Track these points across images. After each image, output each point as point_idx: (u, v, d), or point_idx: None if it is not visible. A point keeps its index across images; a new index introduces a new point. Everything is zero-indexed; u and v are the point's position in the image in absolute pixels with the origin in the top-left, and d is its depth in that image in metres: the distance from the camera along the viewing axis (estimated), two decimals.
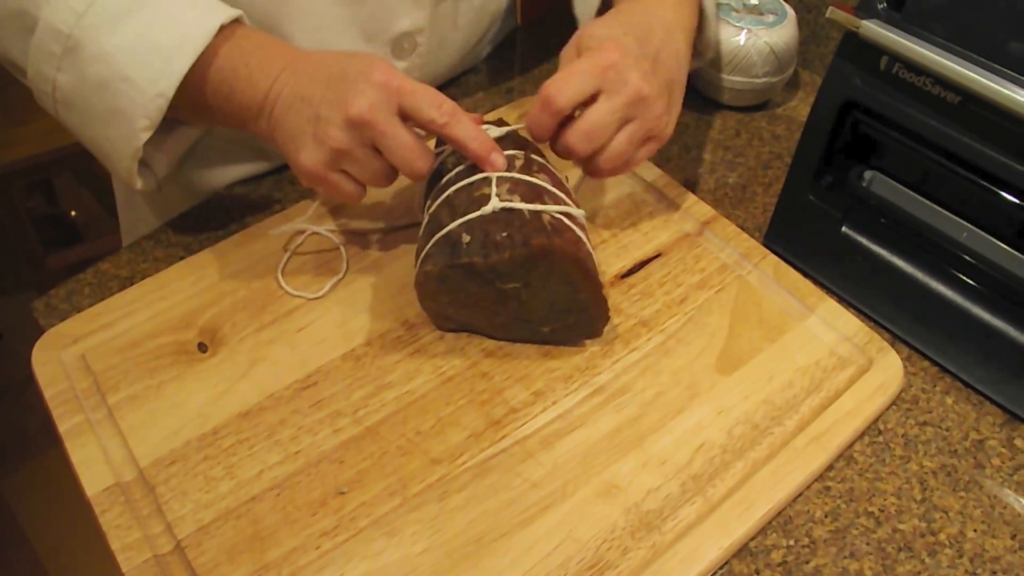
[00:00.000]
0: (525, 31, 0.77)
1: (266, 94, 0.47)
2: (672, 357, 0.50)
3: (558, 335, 0.50)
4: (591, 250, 0.47)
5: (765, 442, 0.46)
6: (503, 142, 0.48)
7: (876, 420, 0.48)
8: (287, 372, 0.48)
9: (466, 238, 0.44)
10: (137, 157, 0.49)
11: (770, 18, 0.66)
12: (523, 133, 0.49)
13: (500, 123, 0.51)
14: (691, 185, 0.63)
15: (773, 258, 0.55)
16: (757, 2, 0.67)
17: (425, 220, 0.48)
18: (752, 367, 0.49)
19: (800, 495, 0.45)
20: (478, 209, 0.45)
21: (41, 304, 0.54)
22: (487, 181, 0.46)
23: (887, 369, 0.49)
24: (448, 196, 0.46)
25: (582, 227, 0.47)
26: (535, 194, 0.46)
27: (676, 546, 0.42)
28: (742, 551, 0.43)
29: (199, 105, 0.49)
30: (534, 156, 0.48)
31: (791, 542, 0.44)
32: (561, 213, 0.45)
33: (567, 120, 0.47)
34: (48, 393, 0.47)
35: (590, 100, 0.47)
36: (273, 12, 0.54)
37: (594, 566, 0.41)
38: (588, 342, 0.50)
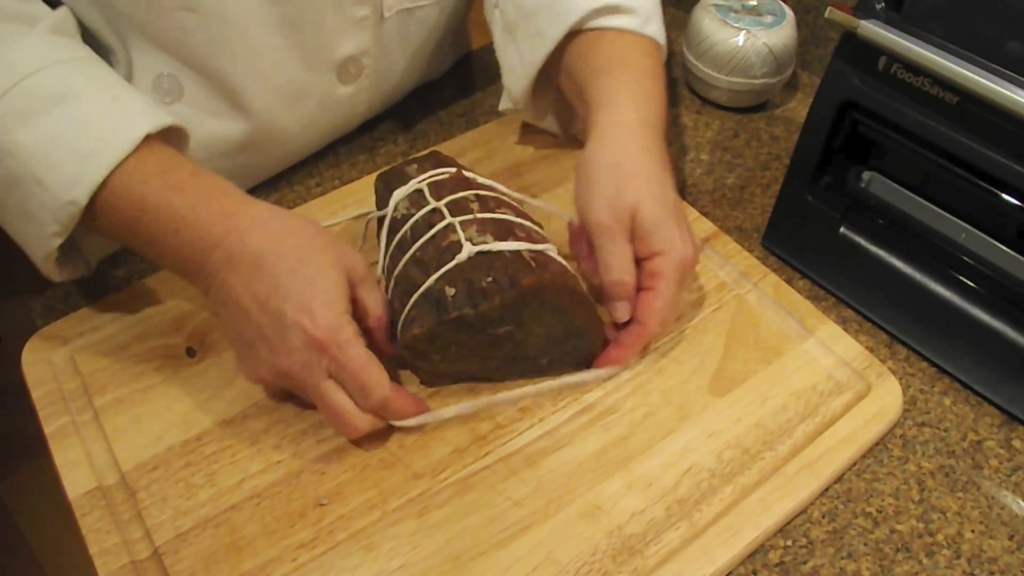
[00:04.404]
0: (480, 55, 0.75)
1: (203, 261, 0.43)
2: (664, 377, 0.49)
3: (556, 365, 0.48)
4: (575, 273, 0.46)
5: (755, 467, 0.45)
6: (444, 186, 0.46)
7: (872, 448, 0.47)
8: None
9: (450, 291, 0.42)
10: (52, 258, 0.45)
11: (768, 19, 0.65)
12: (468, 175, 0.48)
13: (434, 158, 0.49)
14: (690, 186, 0.62)
15: (773, 277, 0.54)
16: (756, 3, 0.67)
17: (391, 283, 0.46)
18: (746, 389, 0.48)
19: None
20: (452, 258, 0.43)
21: (39, 305, 0.54)
22: (451, 227, 0.43)
23: (885, 396, 0.48)
24: (414, 253, 0.44)
25: (556, 253, 0.46)
26: (506, 230, 0.44)
27: (658, 572, 0.41)
28: None
29: (119, 222, 0.44)
30: (486, 192, 0.47)
31: (788, 542, 0.43)
32: (537, 250, 0.44)
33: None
34: (36, 393, 0.47)
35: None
36: (208, 44, 0.51)
37: None
38: None
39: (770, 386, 0.48)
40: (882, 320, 0.53)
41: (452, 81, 0.72)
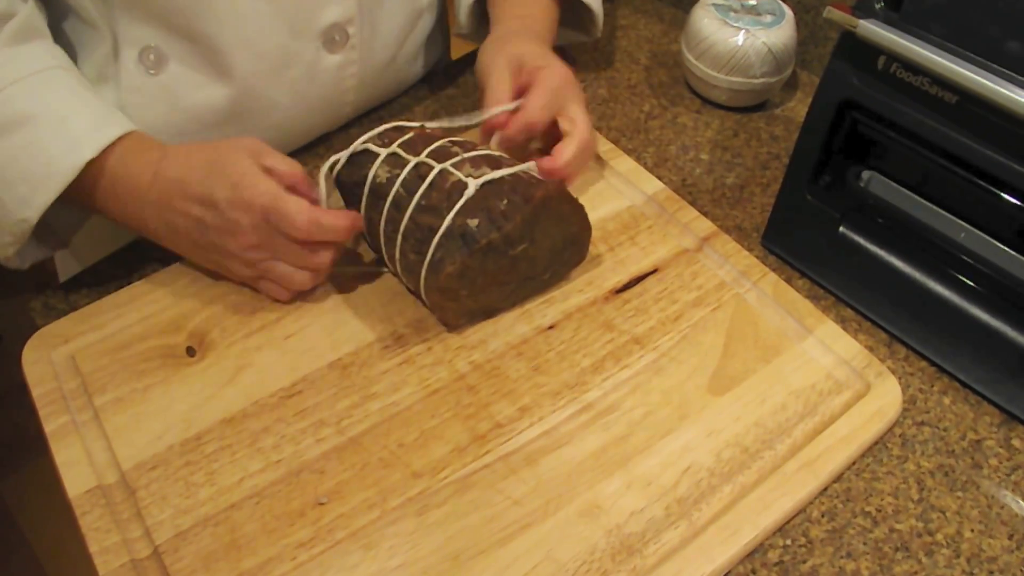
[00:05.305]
0: (476, 56, 0.75)
1: (148, 212, 0.50)
2: (664, 376, 0.49)
3: (556, 276, 0.52)
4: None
5: (754, 466, 0.45)
6: (416, 143, 0.50)
7: (871, 447, 0.47)
8: (273, 379, 0.48)
9: (473, 223, 0.45)
10: (11, 263, 0.51)
11: (768, 18, 0.65)
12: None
13: (400, 129, 0.52)
14: (689, 186, 0.62)
15: (773, 276, 0.54)
16: (755, 2, 0.67)
17: (399, 237, 0.47)
18: (745, 388, 0.48)
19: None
20: (461, 195, 0.45)
21: (39, 304, 0.54)
22: (446, 171, 0.47)
23: (885, 395, 0.48)
24: (418, 202, 0.46)
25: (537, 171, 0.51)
26: (495, 161, 0.48)
27: (657, 570, 0.41)
28: None
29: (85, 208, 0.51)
30: (455, 138, 0.51)
31: (788, 542, 0.43)
32: (526, 170, 0.48)
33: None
34: (36, 392, 0.47)
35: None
36: (193, 8, 0.52)
37: None
38: (580, 358, 0.49)
39: (769, 385, 0.48)
40: (881, 319, 0.53)
41: (449, 81, 0.72)
